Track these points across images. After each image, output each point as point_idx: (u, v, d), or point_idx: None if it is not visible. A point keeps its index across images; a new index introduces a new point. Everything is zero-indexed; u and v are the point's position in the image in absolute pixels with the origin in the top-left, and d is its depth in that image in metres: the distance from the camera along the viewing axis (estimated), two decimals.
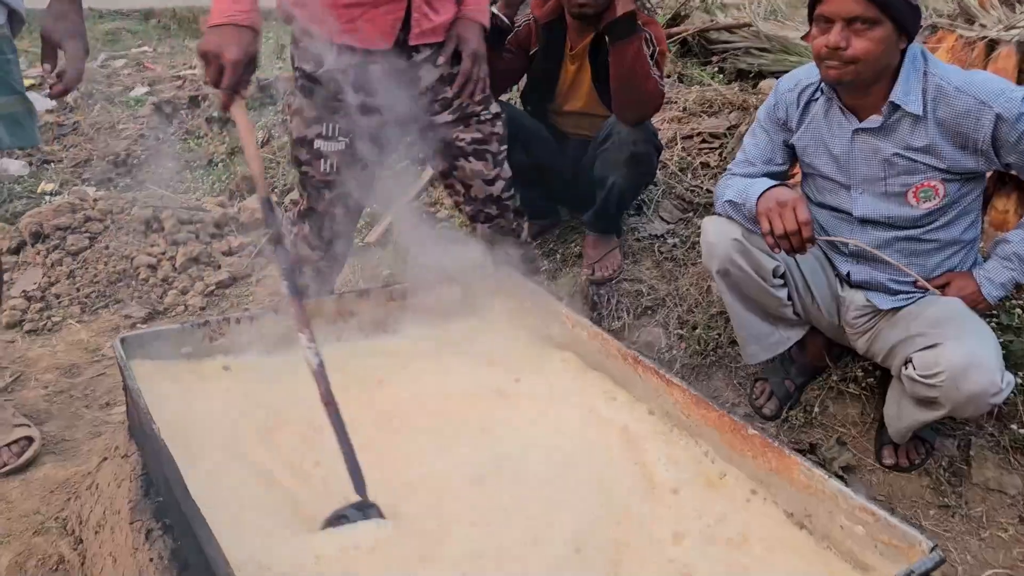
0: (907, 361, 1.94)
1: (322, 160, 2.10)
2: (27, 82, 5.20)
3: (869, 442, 2.30)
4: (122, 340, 1.68)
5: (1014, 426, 2.19)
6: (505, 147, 2.26)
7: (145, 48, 6.26)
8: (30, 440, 2.18)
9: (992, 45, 2.82)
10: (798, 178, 2.34)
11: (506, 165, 2.28)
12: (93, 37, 6.52)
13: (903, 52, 1.88)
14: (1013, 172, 1.97)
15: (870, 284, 2.11)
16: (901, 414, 2.06)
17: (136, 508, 1.57)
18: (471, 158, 2.20)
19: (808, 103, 2.07)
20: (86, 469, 2.13)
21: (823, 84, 2.00)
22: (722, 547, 1.45)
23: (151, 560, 1.46)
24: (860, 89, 1.93)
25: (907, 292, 2.07)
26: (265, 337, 1.89)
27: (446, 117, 2.13)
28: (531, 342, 2.05)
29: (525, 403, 1.82)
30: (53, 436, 2.30)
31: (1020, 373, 2.22)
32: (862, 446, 2.30)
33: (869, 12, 1.79)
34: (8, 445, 2.14)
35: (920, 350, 1.90)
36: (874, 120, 1.94)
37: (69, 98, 4.91)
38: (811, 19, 1.90)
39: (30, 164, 4.08)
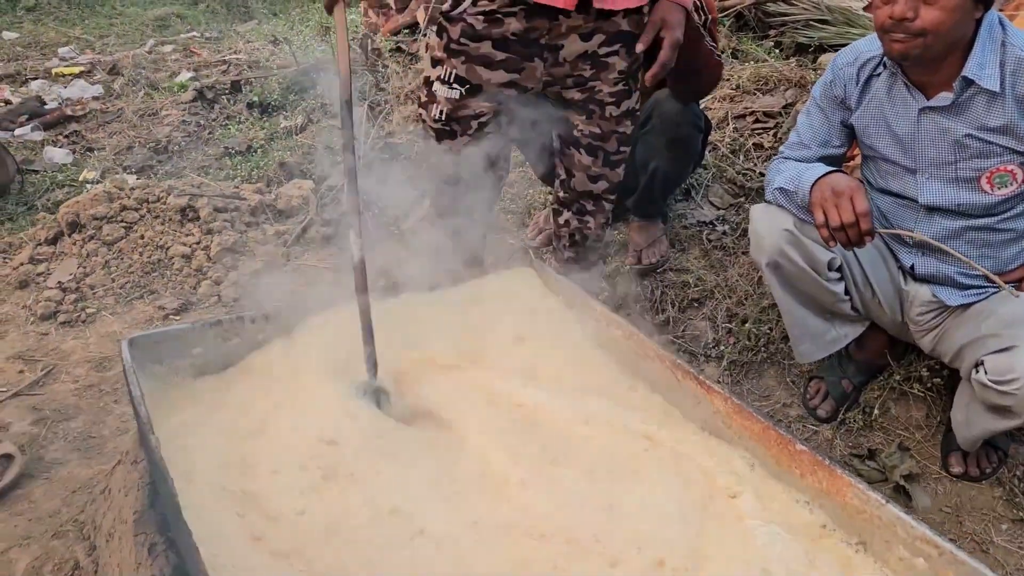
0: (978, 364, 1.76)
1: (434, 105, 2.01)
2: (75, 70, 5.27)
3: (935, 448, 2.13)
4: (130, 342, 1.61)
5: None
6: (625, 148, 2.11)
7: (194, 33, 6.25)
8: (9, 458, 2.03)
9: None
10: (857, 161, 2.16)
11: (619, 168, 2.14)
12: (142, 23, 6.57)
13: (978, 22, 1.68)
14: None
15: (937, 278, 1.93)
16: (970, 420, 1.88)
17: (140, 520, 1.50)
18: (583, 150, 2.08)
19: (869, 79, 1.88)
20: (110, 468, 2.09)
21: (886, 58, 1.81)
22: None
23: None
24: (929, 64, 1.74)
25: (978, 287, 1.88)
26: (282, 336, 1.80)
27: (574, 95, 1.99)
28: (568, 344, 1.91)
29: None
30: (80, 433, 2.26)
31: None
32: (927, 452, 2.12)
33: None
34: None
35: (993, 353, 1.72)
36: (944, 98, 1.75)
37: (116, 84, 4.92)
38: None
39: (73, 152, 4.08)
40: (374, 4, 5.09)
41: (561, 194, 2.22)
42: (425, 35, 4.28)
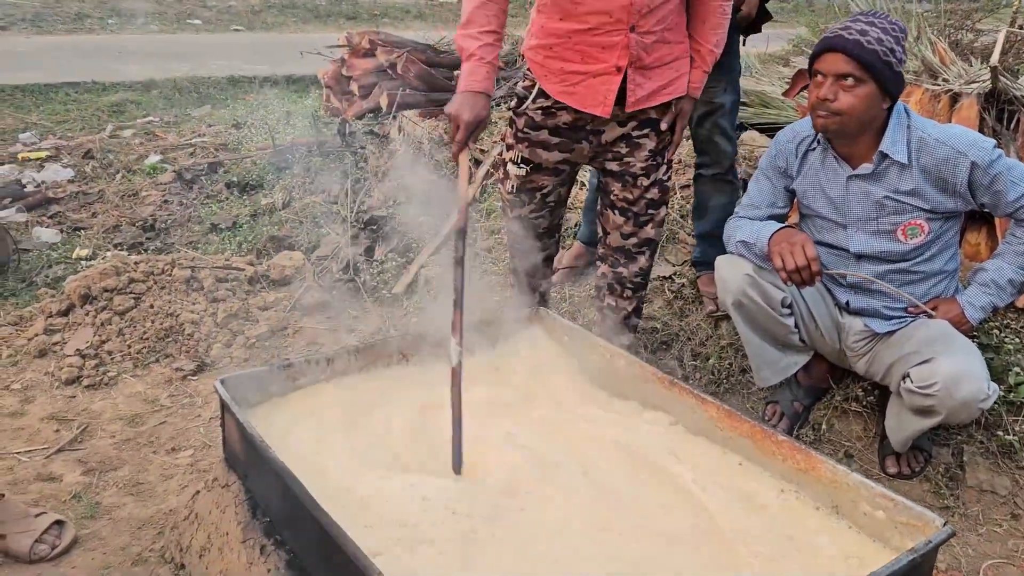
0: (904, 376, 2.21)
1: (508, 180, 2.50)
2: (41, 154, 5.47)
3: (873, 455, 2.56)
4: (223, 381, 1.90)
5: (1000, 433, 2.46)
6: (653, 211, 2.47)
7: (151, 118, 6.52)
8: (60, 523, 2.15)
9: (955, 97, 3.17)
10: (795, 219, 2.64)
11: (649, 228, 2.50)
12: (98, 109, 6.80)
13: (889, 110, 2.19)
14: (987, 210, 2.28)
15: (867, 311, 2.39)
16: (901, 425, 2.32)
17: (247, 528, 1.77)
18: (616, 212, 2.47)
19: (806, 153, 2.36)
20: (168, 506, 2.32)
21: (819, 136, 2.30)
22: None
23: (268, 571, 1.67)
24: (847, 139, 2.23)
25: (900, 317, 2.35)
26: (341, 374, 2.12)
27: (613, 167, 2.41)
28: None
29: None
30: (129, 480, 2.48)
31: (1002, 386, 2.49)
32: (867, 458, 2.55)
33: (856, 71, 2.10)
34: (44, 533, 2.10)
35: (916, 365, 2.17)
36: (866, 168, 2.24)
37: (88, 167, 5.15)
38: (811, 74, 2.20)
39: (61, 231, 4.29)
40: (336, 92, 5.50)
41: (600, 250, 2.62)
42: (395, 118, 4.70)
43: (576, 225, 3.61)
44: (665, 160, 2.42)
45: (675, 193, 3.68)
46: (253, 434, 1.72)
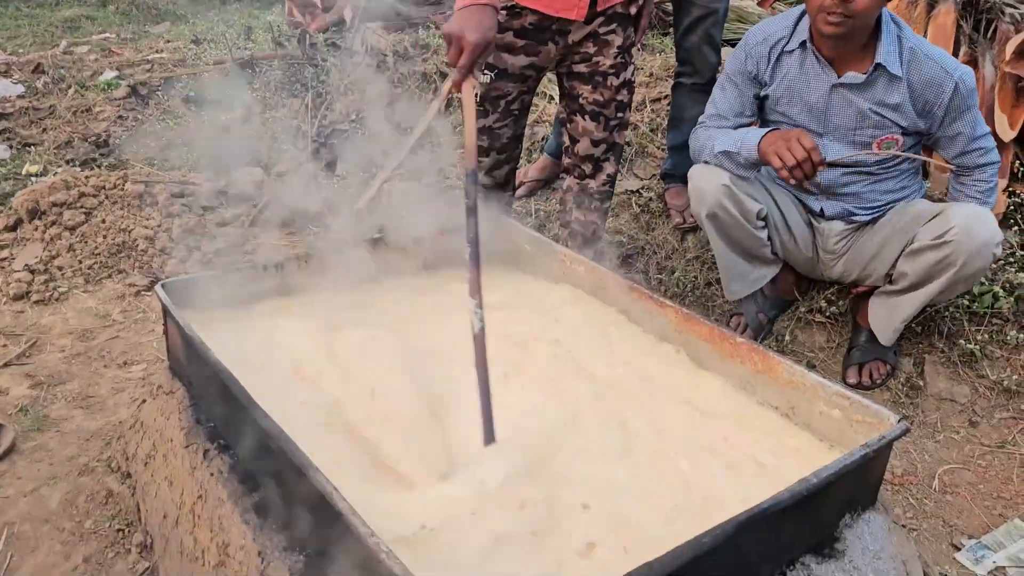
0: (908, 243, 2.19)
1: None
2: None
3: (835, 365, 2.55)
4: (163, 286, 1.83)
5: (962, 341, 2.45)
6: (622, 115, 2.40)
7: (107, 34, 6.26)
8: (1, 427, 2.12)
9: (932, 4, 3.07)
10: None
11: (618, 132, 2.42)
12: (51, 24, 6.52)
13: (878, 17, 2.10)
14: (930, 143, 2.26)
15: (842, 215, 2.35)
16: (892, 311, 2.29)
17: (190, 433, 1.72)
18: (587, 116, 2.37)
19: (780, 55, 2.27)
20: (118, 418, 2.27)
21: (803, 39, 2.19)
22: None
23: (211, 475, 1.62)
24: (847, 43, 2.12)
25: (877, 207, 2.31)
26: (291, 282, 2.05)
27: (581, 68, 2.30)
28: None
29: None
30: (78, 393, 2.42)
31: (966, 295, 2.48)
32: (829, 368, 2.54)
33: None
34: None
35: (925, 223, 2.15)
36: (856, 76, 2.15)
37: (39, 83, 4.94)
38: None
39: (10, 147, 4.12)
40: (299, 4, 5.29)
41: (567, 160, 2.53)
42: (353, 30, 4.53)
43: (543, 139, 3.51)
44: (631, 59, 2.32)
45: (646, 107, 3.59)
46: (193, 335, 1.65)
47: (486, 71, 2.30)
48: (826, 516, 1.46)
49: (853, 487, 1.47)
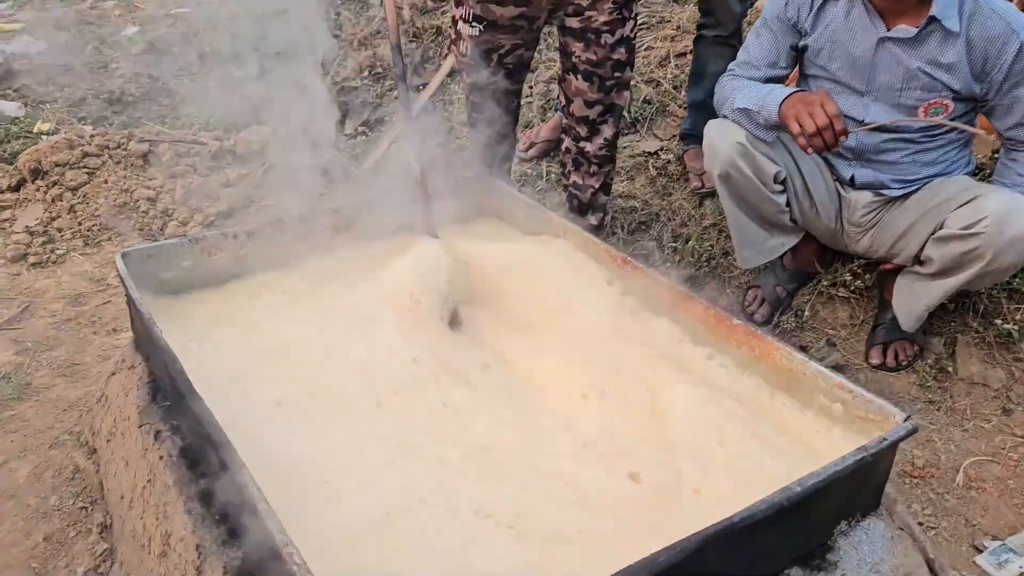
0: (937, 228, 1.98)
1: (461, 41, 2.23)
2: (16, 26, 5.20)
3: (859, 343, 2.36)
4: (123, 255, 1.73)
5: (998, 321, 2.23)
6: (619, 74, 2.24)
7: None
8: None
9: None
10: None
11: (615, 93, 2.26)
12: None
13: None
14: (984, 112, 2.01)
15: (874, 184, 2.14)
16: (916, 296, 2.09)
17: (144, 412, 1.63)
18: (580, 76, 2.21)
19: (824, 4, 2.04)
20: (98, 388, 2.20)
21: None
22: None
23: (160, 458, 1.53)
24: None
25: (914, 180, 2.10)
26: (264, 254, 1.93)
27: (574, 23, 2.15)
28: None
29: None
30: (64, 360, 2.36)
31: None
32: (852, 347, 2.35)
33: None
34: None
35: (956, 209, 1.94)
36: (906, 31, 1.92)
37: (61, 39, 4.89)
38: None
39: (25, 105, 4.08)
40: None
41: (564, 120, 2.37)
42: None
43: (557, 97, 3.32)
44: (632, 14, 2.13)
45: (670, 62, 3.36)
46: (142, 309, 1.55)
47: (474, 23, 2.14)
48: (815, 525, 1.31)
49: (848, 493, 1.31)
